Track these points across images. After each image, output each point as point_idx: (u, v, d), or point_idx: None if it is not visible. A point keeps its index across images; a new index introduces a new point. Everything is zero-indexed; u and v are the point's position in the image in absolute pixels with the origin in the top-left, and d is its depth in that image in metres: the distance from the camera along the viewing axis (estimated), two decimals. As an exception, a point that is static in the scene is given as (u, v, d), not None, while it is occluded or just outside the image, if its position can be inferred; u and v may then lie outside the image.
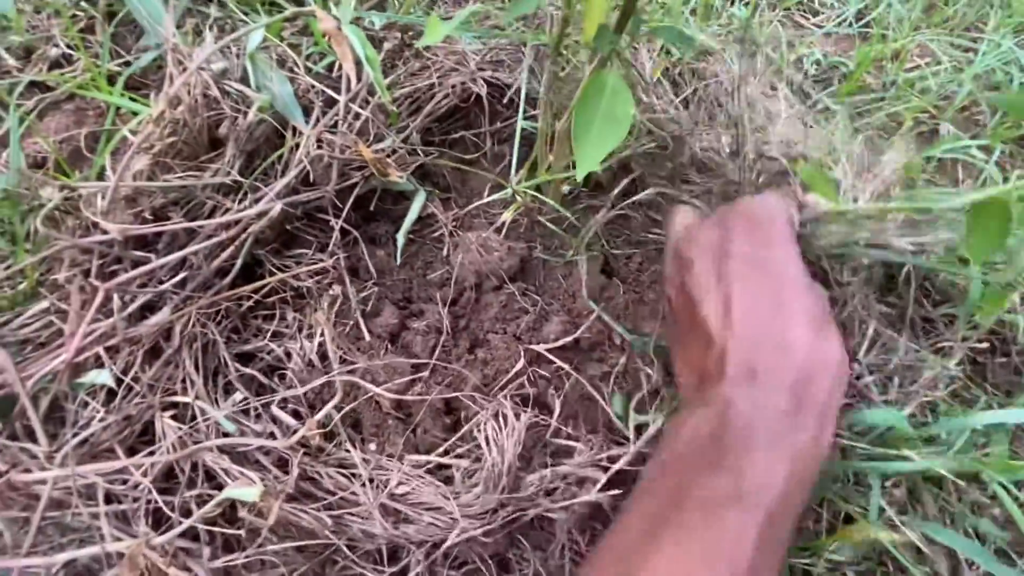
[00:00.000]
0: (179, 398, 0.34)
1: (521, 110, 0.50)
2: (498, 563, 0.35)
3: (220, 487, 0.32)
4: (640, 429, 0.38)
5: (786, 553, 0.29)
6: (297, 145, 0.42)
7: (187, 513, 0.30)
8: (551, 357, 0.41)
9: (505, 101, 0.52)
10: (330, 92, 0.46)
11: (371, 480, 0.33)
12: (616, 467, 0.33)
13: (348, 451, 0.34)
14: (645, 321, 0.44)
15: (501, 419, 0.33)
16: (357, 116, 0.45)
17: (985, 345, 0.43)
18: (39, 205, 0.34)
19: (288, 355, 0.39)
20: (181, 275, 0.35)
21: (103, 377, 0.31)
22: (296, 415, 0.37)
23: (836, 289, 0.40)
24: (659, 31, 0.29)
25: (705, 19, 0.62)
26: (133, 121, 0.39)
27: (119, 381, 0.33)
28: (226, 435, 0.33)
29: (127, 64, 0.49)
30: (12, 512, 0.30)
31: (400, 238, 0.48)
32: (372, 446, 0.35)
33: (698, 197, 0.44)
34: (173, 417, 0.34)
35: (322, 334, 0.35)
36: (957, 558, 0.37)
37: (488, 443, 0.32)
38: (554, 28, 0.35)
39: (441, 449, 0.35)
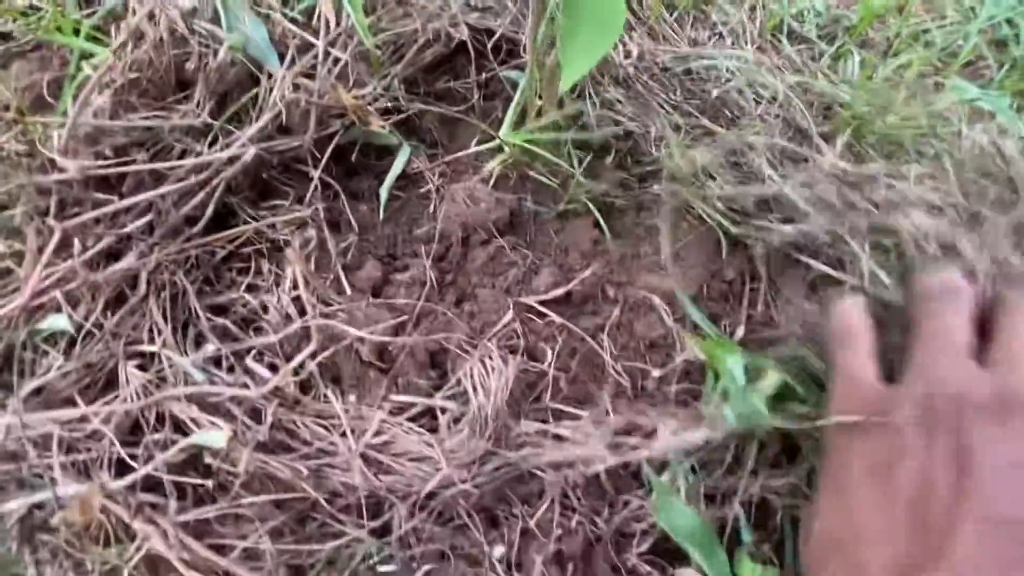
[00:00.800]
0: (145, 347, 0.32)
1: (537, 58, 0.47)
2: (485, 518, 0.33)
3: (189, 439, 0.30)
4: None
5: None
6: (271, 89, 0.39)
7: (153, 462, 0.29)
8: (542, 309, 0.39)
9: (491, 48, 0.50)
10: (307, 36, 0.43)
11: (352, 430, 0.32)
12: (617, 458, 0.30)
13: (327, 401, 0.32)
14: (640, 275, 0.42)
15: (488, 364, 0.31)
16: (336, 61, 0.43)
17: None
18: (-6, 146, 0.32)
19: (264, 308, 0.37)
20: (146, 219, 0.33)
21: (60, 322, 0.30)
22: (273, 369, 0.35)
23: None
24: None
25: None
26: (95, 59, 0.37)
27: (80, 328, 0.31)
28: (195, 384, 0.31)
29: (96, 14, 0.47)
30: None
31: (383, 192, 0.46)
32: (352, 398, 0.33)
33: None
34: (139, 367, 0.32)
35: (293, 276, 0.33)
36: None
37: (475, 387, 0.30)
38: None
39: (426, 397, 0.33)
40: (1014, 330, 0.25)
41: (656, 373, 0.38)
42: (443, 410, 0.32)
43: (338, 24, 0.44)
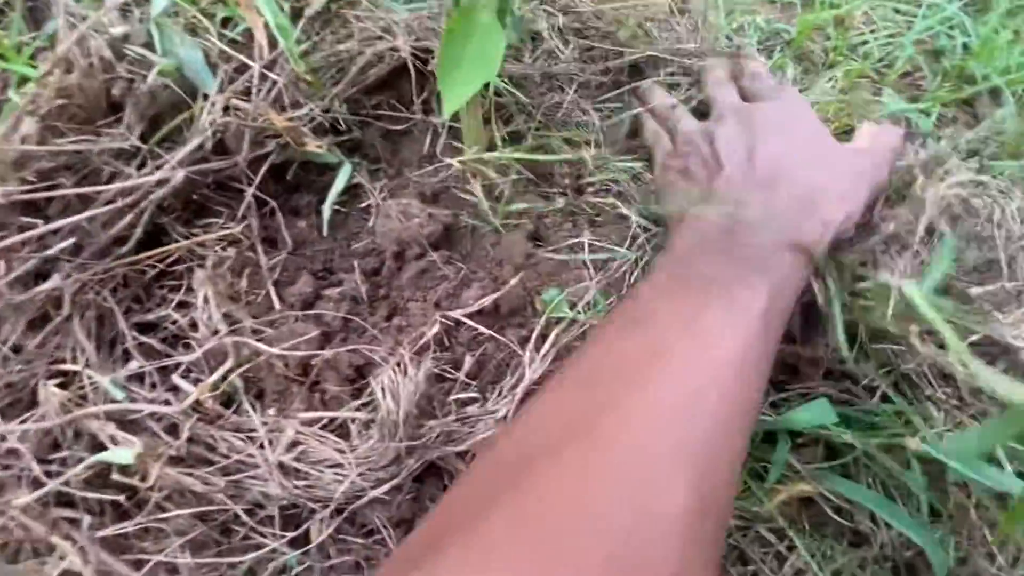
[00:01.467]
0: (67, 366, 0.33)
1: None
2: (406, 530, 0.34)
3: (109, 455, 0.31)
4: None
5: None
6: (203, 111, 0.40)
7: (67, 482, 0.29)
8: (468, 322, 0.40)
9: (431, 69, 0.51)
10: (245, 59, 0.45)
11: (270, 442, 0.33)
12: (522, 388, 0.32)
13: (248, 414, 0.33)
14: (568, 284, 0.43)
15: (401, 369, 0.32)
16: (274, 84, 0.44)
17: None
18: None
19: (194, 325, 0.38)
20: (71, 240, 0.34)
21: (-21, 343, 0.30)
22: (199, 384, 0.36)
23: None
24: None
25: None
26: (25, 86, 0.38)
27: None
28: (114, 402, 0.32)
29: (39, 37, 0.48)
30: None
31: (326, 210, 0.47)
32: (272, 411, 0.34)
33: None
34: (61, 386, 0.33)
35: (206, 297, 0.34)
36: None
37: (384, 392, 0.31)
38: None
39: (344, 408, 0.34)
40: (712, 94, 0.47)
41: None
42: (353, 419, 0.33)
43: (274, 47, 0.45)
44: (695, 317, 0.27)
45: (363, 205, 0.49)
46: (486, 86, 0.43)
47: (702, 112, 0.48)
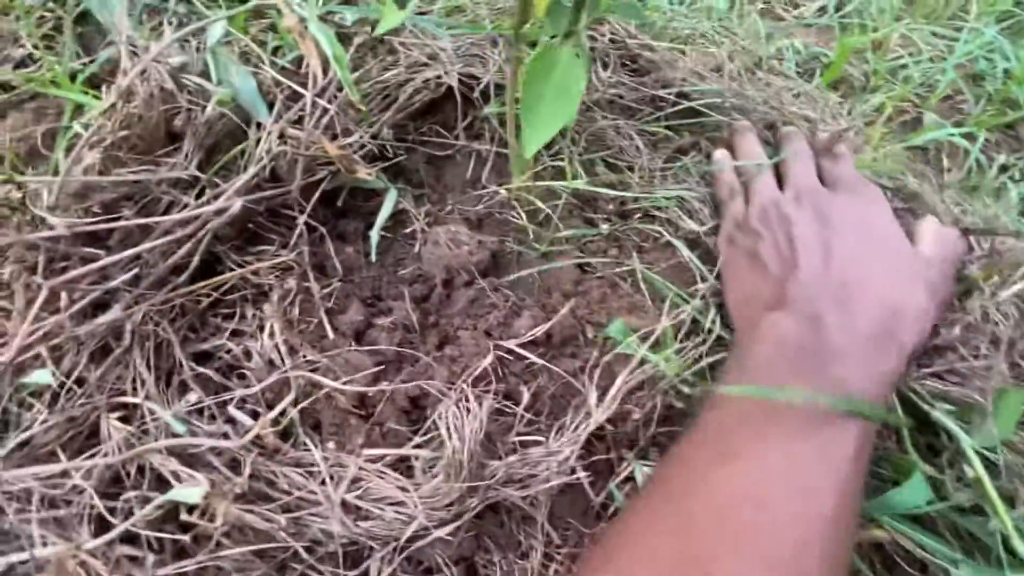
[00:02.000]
0: (128, 399, 0.33)
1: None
2: (465, 567, 0.34)
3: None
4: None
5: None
6: (259, 140, 0.41)
7: (131, 519, 0.29)
8: (522, 352, 0.40)
9: (476, 96, 0.51)
10: (296, 87, 0.45)
11: (331, 477, 0.32)
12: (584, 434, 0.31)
13: (306, 449, 0.33)
14: (619, 312, 0.43)
15: (463, 407, 0.31)
16: (324, 112, 0.44)
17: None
18: (-14, 202, 0.33)
19: (248, 354, 0.37)
20: (133, 272, 0.34)
21: (45, 377, 0.30)
22: (255, 416, 0.35)
23: None
24: (618, 7, 0.28)
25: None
26: (85, 116, 0.38)
27: (64, 381, 0.31)
28: (175, 436, 0.31)
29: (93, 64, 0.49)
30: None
31: (374, 235, 0.47)
32: (331, 445, 0.34)
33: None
34: (122, 419, 0.32)
35: (271, 331, 0.34)
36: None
37: (449, 431, 0.30)
38: (515, 12, 0.34)
39: (407, 444, 0.34)
40: (790, 167, 0.43)
41: (636, 415, 0.38)
42: (417, 457, 0.32)
43: (326, 75, 0.45)
44: (791, 464, 0.28)
45: (407, 231, 0.49)
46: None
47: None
